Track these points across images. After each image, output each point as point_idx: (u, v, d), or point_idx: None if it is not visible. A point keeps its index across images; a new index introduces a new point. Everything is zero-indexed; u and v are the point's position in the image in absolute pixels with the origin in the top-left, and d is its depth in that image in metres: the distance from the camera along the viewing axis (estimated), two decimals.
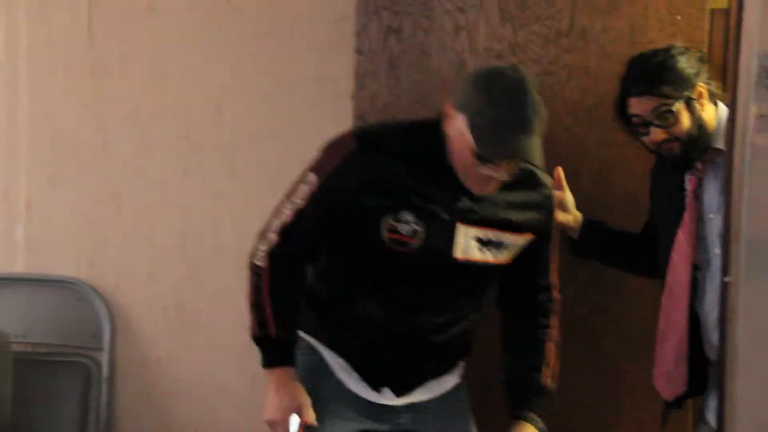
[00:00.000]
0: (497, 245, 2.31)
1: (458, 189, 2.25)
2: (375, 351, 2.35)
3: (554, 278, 2.46)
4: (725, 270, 2.13)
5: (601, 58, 2.75)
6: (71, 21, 3.22)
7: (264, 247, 2.27)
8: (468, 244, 2.28)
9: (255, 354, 2.32)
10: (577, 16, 2.76)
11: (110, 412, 3.26)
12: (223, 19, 3.16)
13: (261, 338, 2.28)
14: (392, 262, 2.27)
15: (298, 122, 3.14)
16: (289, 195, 2.30)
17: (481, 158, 2.16)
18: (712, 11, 2.74)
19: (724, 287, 2.12)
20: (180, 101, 3.20)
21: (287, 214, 2.27)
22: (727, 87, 2.58)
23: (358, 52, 2.86)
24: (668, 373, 2.53)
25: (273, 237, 2.26)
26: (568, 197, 2.63)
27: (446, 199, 2.26)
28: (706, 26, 2.72)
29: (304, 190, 2.27)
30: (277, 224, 2.27)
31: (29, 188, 3.29)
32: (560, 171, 2.59)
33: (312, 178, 2.27)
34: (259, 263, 2.27)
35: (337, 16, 3.07)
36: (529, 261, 2.39)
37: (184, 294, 3.23)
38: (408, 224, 2.24)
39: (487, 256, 2.31)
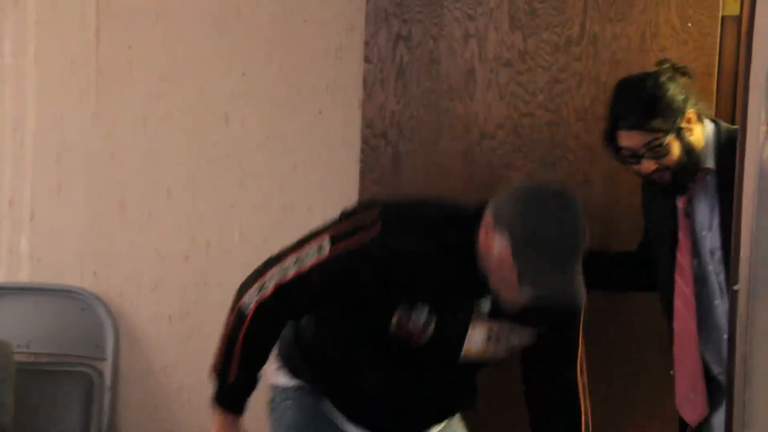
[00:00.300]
0: (507, 339, 2.26)
1: (482, 289, 2.18)
2: (377, 412, 2.35)
3: (582, 374, 2.35)
4: (734, 278, 2.16)
5: (611, 66, 2.79)
6: (79, 28, 3.24)
7: (255, 295, 2.21)
8: (477, 339, 2.24)
9: None
10: (588, 23, 2.80)
11: (113, 422, 3.28)
12: (231, 27, 3.19)
13: (219, 377, 2.27)
14: (396, 345, 2.23)
15: (306, 130, 3.18)
16: (298, 249, 2.22)
17: (523, 285, 2.08)
18: (724, 18, 2.77)
19: (733, 296, 2.15)
20: (188, 109, 3.23)
21: (289, 272, 2.19)
22: (738, 94, 2.63)
23: (367, 60, 2.91)
24: (689, 397, 2.56)
25: (268, 289, 2.20)
26: None
27: (467, 297, 2.21)
28: (718, 33, 2.75)
29: (314, 256, 2.18)
30: (276, 278, 2.20)
31: (34, 197, 3.30)
32: None
33: (326, 246, 2.18)
34: (244, 309, 2.22)
35: (347, 24, 3.12)
36: (551, 351, 2.32)
37: (189, 303, 3.27)
38: (419, 318, 2.19)
39: (490, 350, 2.27)
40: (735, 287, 2.13)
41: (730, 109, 2.72)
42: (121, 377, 3.29)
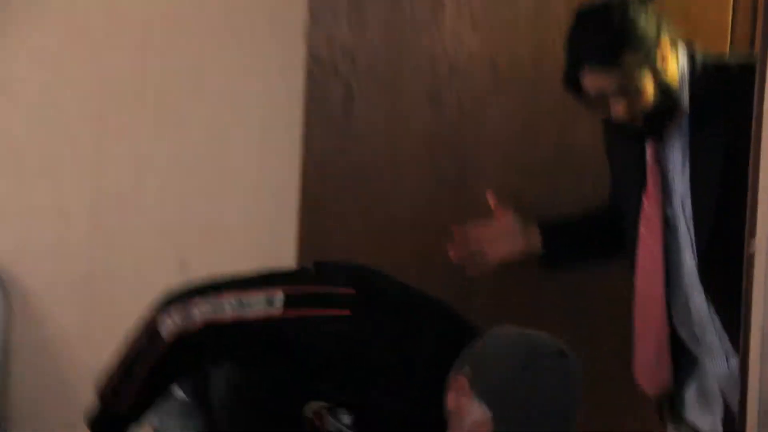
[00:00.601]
0: None
1: (435, 428, 2.09)
2: None
3: None
4: (750, 237, 2.10)
5: None
6: None
7: (179, 322, 2.18)
8: None
9: None
10: None
11: (3, 411, 3.26)
12: None
13: (104, 404, 2.24)
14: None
15: (238, 66, 3.13)
16: (241, 290, 2.19)
17: None
18: None
19: (749, 260, 2.05)
20: (94, 37, 3.17)
21: (227, 313, 2.17)
22: (756, 43, 2.59)
23: None
24: (652, 365, 2.54)
25: (196, 322, 2.17)
26: (512, 222, 2.60)
27: (409, 426, 2.15)
28: None
29: (262, 309, 2.16)
30: (207, 313, 2.17)
31: None
32: (492, 194, 2.55)
33: (278, 303, 2.16)
34: (162, 332, 2.18)
35: None
36: None
37: (95, 267, 3.22)
38: (337, 423, 2.17)
39: None
40: (750, 249, 2.07)
41: (748, 42, 2.71)
42: (11, 356, 3.26)
